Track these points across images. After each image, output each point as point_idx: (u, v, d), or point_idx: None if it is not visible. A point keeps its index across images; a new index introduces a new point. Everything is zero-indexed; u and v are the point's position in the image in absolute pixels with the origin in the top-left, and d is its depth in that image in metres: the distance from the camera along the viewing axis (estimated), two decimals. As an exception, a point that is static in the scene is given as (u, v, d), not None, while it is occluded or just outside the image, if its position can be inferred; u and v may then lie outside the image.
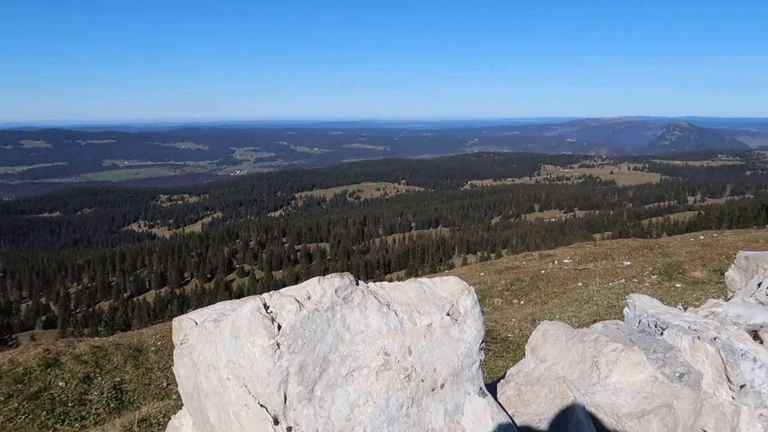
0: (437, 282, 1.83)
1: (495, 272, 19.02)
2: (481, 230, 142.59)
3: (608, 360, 2.29)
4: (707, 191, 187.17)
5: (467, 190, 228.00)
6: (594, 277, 16.15)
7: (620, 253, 21.07)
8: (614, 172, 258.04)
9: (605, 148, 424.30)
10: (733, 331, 2.84)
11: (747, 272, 4.12)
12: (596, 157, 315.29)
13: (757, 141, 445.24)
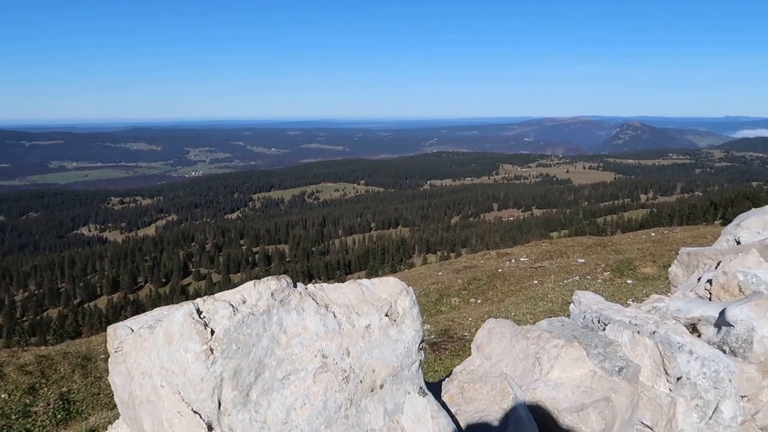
0: (376, 283, 1.83)
1: (453, 271, 19.20)
2: (440, 230, 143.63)
3: (550, 356, 2.33)
4: (659, 189, 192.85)
5: (427, 190, 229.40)
6: (549, 275, 16.46)
7: (575, 251, 21.52)
8: (570, 171, 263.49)
9: (562, 148, 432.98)
10: (671, 325, 2.92)
11: (689, 268, 4.24)
12: (553, 157, 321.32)
13: (706, 140, 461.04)
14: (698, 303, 3.42)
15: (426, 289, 16.14)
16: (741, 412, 2.89)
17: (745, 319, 3.01)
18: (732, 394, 2.68)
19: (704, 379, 2.66)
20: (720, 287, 3.55)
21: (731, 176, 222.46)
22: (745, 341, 3.01)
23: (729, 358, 2.81)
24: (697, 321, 3.29)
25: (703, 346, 2.79)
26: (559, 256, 20.73)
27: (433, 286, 16.58)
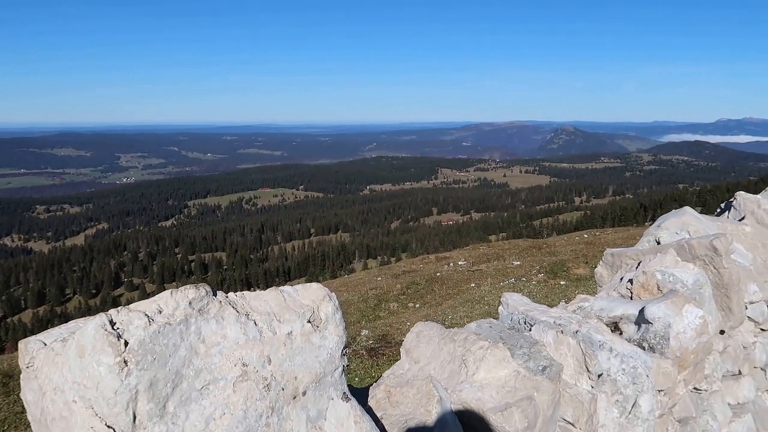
0: (299, 290, 1.82)
1: (392, 276, 19.31)
2: (381, 235, 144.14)
3: (475, 357, 2.37)
4: (592, 192, 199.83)
5: (366, 194, 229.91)
6: (486, 278, 16.76)
7: (511, 254, 22.01)
8: (507, 175, 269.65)
9: (499, 152, 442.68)
10: (593, 323, 3.02)
11: (613, 268, 4.39)
12: (490, 161, 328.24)
13: (635, 144, 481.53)
14: (620, 302, 3.55)
15: (365, 295, 16.17)
16: (658, 405, 3.02)
17: (662, 316, 3.15)
18: (649, 388, 2.79)
19: (623, 375, 2.76)
20: (640, 286, 3.69)
21: (659, 179, 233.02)
22: (662, 337, 3.14)
23: (647, 354, 2.92)
24: (618, 319, 3.42)
25: (623, 343, 2.89)
26: (496, 259, 21.15)
27: (372, 291, 16.63)
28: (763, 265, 4.50)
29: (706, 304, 3.55)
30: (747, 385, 3.90)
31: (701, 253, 3.80)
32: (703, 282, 3.57)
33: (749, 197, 4.91)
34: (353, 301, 15.50)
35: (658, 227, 4.64)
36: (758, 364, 4.24)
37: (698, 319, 3.15)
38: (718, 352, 3.79)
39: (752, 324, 4.27)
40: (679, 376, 3.13)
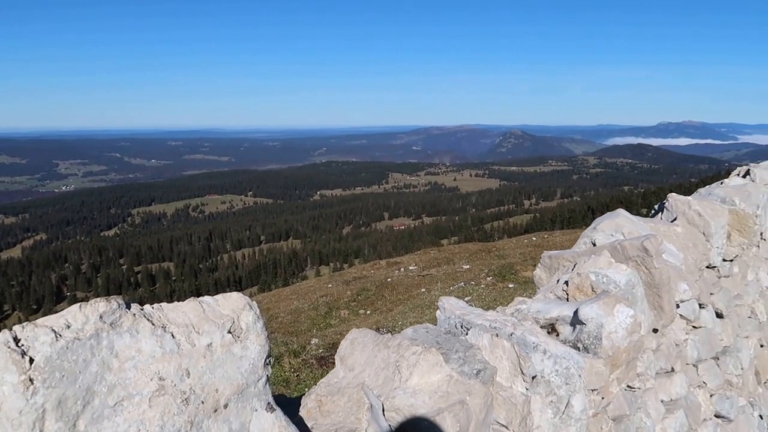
0: (219, 299, 1.77)
1: (343, 283, 19.23)
2: (332, 241, 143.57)
3: (409, 363, 2.36)
4: (541, 195, 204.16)
5: (317, 200, 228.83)
6: (436, 282, 16.87)
7: (461, 258, 22.22)
8: (458, 179, 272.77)
9: (449, 156, 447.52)
10: (528, 326, 3.05)
11: (551, 270, 4.43)
12: (440, 165, 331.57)
13: (581, 147, 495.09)
14: (556, 304, 3.61)
15: (315, 303, 16.04)
16: (592, 405, 3.07)
17: (594, 317, 3.21)
18: (581, 388, 2.83)
19: (557, 376, 2.79)
20: (575, 288, 3.75)
21: (605, 181, 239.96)
22: (595, 338, 3.20)
23: (579, 354, 2.97)
24: (555, 321, 3.47)
25: (556, 344, 2.93)
26: (447, 263, 21.31)
27: (322, 299, 16.51)
28: (693, 264, 4.65)
29: (638, 304, 3.64)
30: (679, 381, 4.02)
31: (633, 254, 3.89)
32: (635, 282, 3.66)
33: (680, 198, 5.06)
34: (304, 309, 15.36)
35: (594, 229, 4.74)
36: (690, 361, 4.37)
37: (629, 319, 3.22)
38: (652, 350, 3.88)
39: (684, 322, 4.40)
40: (611, 375, 3.19)
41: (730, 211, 5.20)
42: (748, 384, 5.31)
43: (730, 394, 4.67)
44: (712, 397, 4.58)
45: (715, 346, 4.65)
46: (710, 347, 4.57)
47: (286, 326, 13.72)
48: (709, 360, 4.57)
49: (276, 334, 12.29)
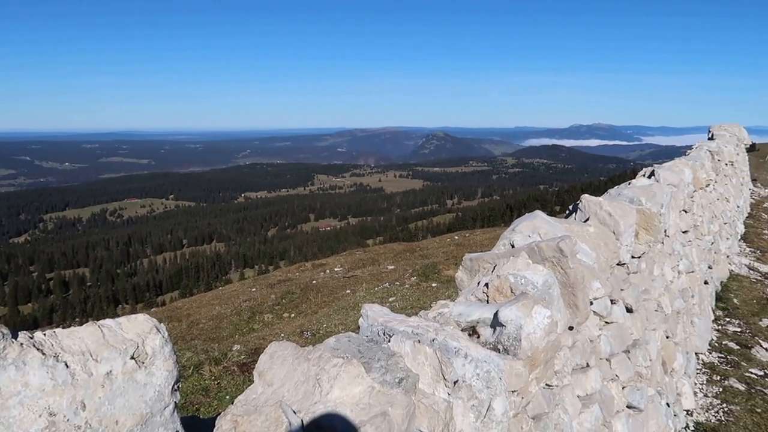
0: (122, 322, 1.65)
1: (267, 286, 18.89)
2: (257, 243, 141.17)
3: (330, 376, 2.30)
4: (463, 195, 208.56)
5: (241, 202, 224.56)
6: (361, 284, 16.86)
7: (386, 258, 22.31)
8: (382, 180, 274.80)
9: (373, 157, 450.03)
10: (449, 330, 3.04)
11: (472, 272, 4.46)
12: (365, 166, 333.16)
13: (500, 148, 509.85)
14: (477, 306, 3.63)
15: (238, 307, 15.67)
16: (512, 406, 3.11)
17: (514, 318, 3.25)
18: (502, 391, 2.85)
19: (478, 380, 2.80)
20: (495, 290, 3.79)
21: (523, 181, 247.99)
22: (515, 339, 3.24)
23: (499, 357, 3.00)
24: (476, 323, 3.49)
25: (477, 348, 2.94)
26: (372, 263, 21.34)
27: (245, 303, 16.15)
28: (605, 262, 4.82)
29: (555, 304, 3.71)
30: (594, 376, 4.15)
31: (549, 254, 3.98)
32: (552, 282, 3.74)
33: (592, 199, 5.24)
34: (226, 315, 14.98)
35: (513, 231, 4.82)
36: (603, 356, 4.53)
37: (546, 319, 3.28)
38: (568, 347, 3.98)
39: (597, 318, 4.55)
40: (531, 375, 3.24)
41: (638, 210, 5.44)
42: (656, 374, 5.57)
43: (640, 385, 4.87)
44: (624, 389, 4.76)
45: (626, 340, 4.85)
46: (622, 341, 4.75)
47: (208, 332, 13.33)
48: (620, 354, 4.75)
49: (196, 341, 11.93)
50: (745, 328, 10.04)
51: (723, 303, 10.97)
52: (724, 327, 9.94)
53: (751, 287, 12.20)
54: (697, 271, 8.65)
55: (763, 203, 23.26)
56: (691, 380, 7.51)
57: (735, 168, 17.76)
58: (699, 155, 11.80)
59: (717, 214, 12.27)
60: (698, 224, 9.50)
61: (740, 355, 8.86)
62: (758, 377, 8.19)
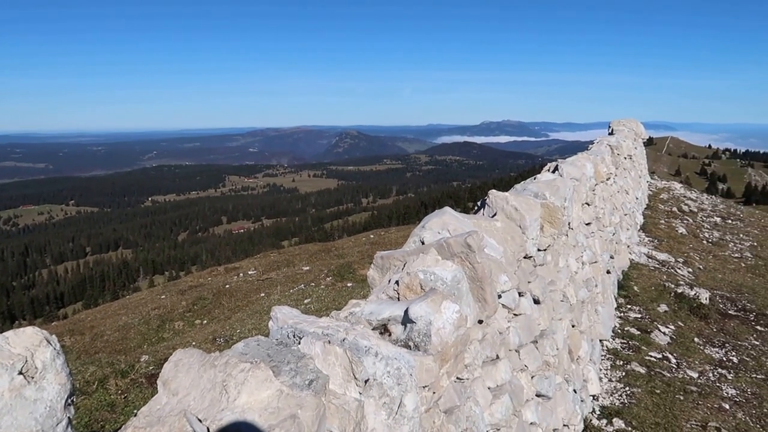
0: (9, 336, 1.53)
1: (177, 293, 18.24)
2: (167, 248, 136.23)
3: (237, 382, 2.23)
4: (378, 193, 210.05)
5: (149, 206, 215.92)
6: (276, 286, 16.61)
7: (301, 259, 22.12)
8: (296, 180, 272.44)
9: (286, 157, 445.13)
10: (360, 329, 3.03)
11: (383, 270, 4.46)
12: (279, 166, 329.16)
13: (413, 146, 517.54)
14: (388, 304, 3.64)
15: (147, 316, 15.02)
16: (424, 401, 3.14)
17: (423, 314, 3.27)
18: (413, 387, 2.87)
19: (389, 377, 2.81)
20: (405, 287, 3.81)
21: (436, 178, 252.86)
22: (425, 335, 3.27)
23: (410, 353, 3.01)
24: (387, 321, 3.50)
25: (387, 346, 2.95)
26: (287, 265, 21.09)
27: (154, 311, 15.51)
28: (512, 255, 4.95)
29: (464, 298, 3.78)
30: (504, 367, 4.26)
31: (458, 250, 4.04)
32: (461, 277, 3.80)
33: (499, 195, 5.38)
34: (134, 325, 14.32)
35: (423, 228, 4.86)
36: (512, 347, 4.66)
37: (455, 314, 3.33)
38: (478, 340, 4.06)
39: (506, 311, 4.67)
40: (441, 369, 3.28)
41: (543, 204, 5.64)
42: (563, 362, 5.81)
43: (548, 374, 5.06)
44: (533, 379, 4.92)
45: (533, 331, 5.01)
46: (530, 332, 4.91)
47: (113, 344, 12.70)
48: (529, 344, 4.90)
49: (101, 354, 11.33)
50: (644, 314, 10.68)
51: (624, 291, 11.62)
52: (626, 314, 10.53)
53: (650, 275, 13.00)
54: (600, 262, 9.09)
55: (660, 194, 24.90)
56: (596, 366, 7.89)
57: (633, 161, 18.83)
58: (600, 150, 12.41)
59: (618, 206, 12.97)
60: (600, 216, 9.99)
61: (641, 339, 9.42)
62: (657, 360, 8.74)
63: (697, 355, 9.23)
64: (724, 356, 9.45)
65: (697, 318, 10.91)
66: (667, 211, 21.31)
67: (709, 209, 24.20)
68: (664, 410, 7.16)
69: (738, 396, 8.04)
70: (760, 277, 14.78)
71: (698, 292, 12.05)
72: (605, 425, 6.68)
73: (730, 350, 9.71)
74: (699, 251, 16.45)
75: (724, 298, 12.29)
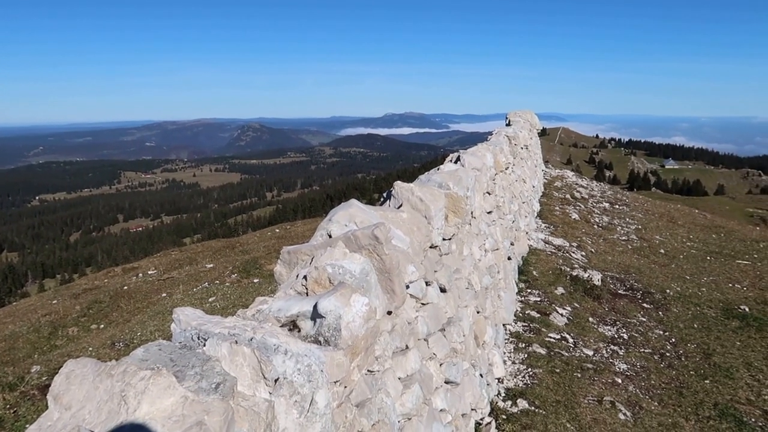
0: None
1: (71, 297, 17.16)
2: (58, 250, 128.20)
3: (137, 391, 2.10)
4: (282, 186, 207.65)
5: (36, 206, 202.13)
6: (178, 285, 16.00)
7: (205, 256, 21.45)
8: (197, 175, 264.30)
9: (186, 151, 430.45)
10: (268, 327, 2.96)
11: (290, 265, 4.40)
12: (178, 161, 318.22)
13: (317, 138, 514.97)
14: (296, 300, 3.58)
15: (36, 323, 14.03)
16: (335, 396, 3.11)
17: (333, 309, 3.24)
18: (324, 383, 2.84)
19: (299, 375, 2.76)
20: (314, 281, 3.77)
21: (341, 170, 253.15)
22: (335, 330, 3.24)
23: (320, 349, 2.97)
24: (296, 317, 3.43)
25: (297, 343, 2.89)
26: (189, 263, 20.37)
27: (45, 318, 14.51)
28: (419, 246, 5.01)
29: (373, 290, 3.78)
30: (413, 357, 4.31)
31: (365, 242, 4.04)
32: (369, 270, 3.79)
33: (405, 186, 5.42)
34: (22, 333, 13.32)
35: (330, 221, 4.82)
36: (421, 336, 4.72)
37: (365, 307, 3.32)
38: (387, 332, 4.09)
39: (414, 301, 4.73)
40: (352, 363, 3.27)
41: (446, 194, 5.75)
42: (469, 348, 5.96)
43: (456, 361, 5.17)
44: (442, 366, 5.02)
45: (441, 319, 5.11)
46: (437, 321, 5.00)
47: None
48: (437, 333, 4.99)
49: (-16, 368, 10.47)
50: (544, 297, 11.20)
51: (524, 276, 12.13)
52: (526, 298, 11.00)
53: (547, 259, 13.64)
54: (502, 249, 9.41)
55: (554, 182, 26.18)
56: (500, 350, 8.18)
57: (530, 151, 19.65)
58: (498, 140, 12.85)
59: (516, 195, 13.48)
60: (500, 205, 10.34)
61: (541, 322, 9.87)
62: (556, 341, 9.19)
63: (591, 334, 9.79)
64: (615, 333, 10.10)
65: (591, 299, 11.58)
66: (561, 199, 22.45)
67: (599, 195, 25.78)
68: (564, 388, 7.54)
69: (629, 370, 8.62)
70: (645, 258, 15.89)
71: (591, 274, 12.79)
72: (510, 407, 6.95)
73: (621, 327, 10.40)
74: (591, 235, 17.45)
75: (614, 279, 13.12)
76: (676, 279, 13.99)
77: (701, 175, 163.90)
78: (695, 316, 11.39)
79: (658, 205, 27.11)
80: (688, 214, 25.42)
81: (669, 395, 8.00)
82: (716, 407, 7.78)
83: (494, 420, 6.47)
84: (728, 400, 8.00)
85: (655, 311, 11.51)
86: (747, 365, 9.22)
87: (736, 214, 68.53)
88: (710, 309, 11.87)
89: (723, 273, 14.98)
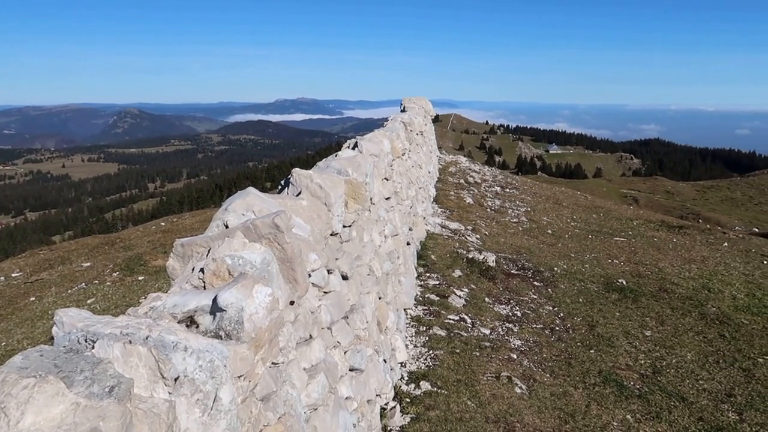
0: None
1: None
2: None
3: (19, 401, 1.88)
4: (166, 177, 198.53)
5: None
6: (50, 287, 14.82)
7: (80, 255, 20.01)
8: (67, 166, 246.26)
9: (53, 139, 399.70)
10: (165, 324, 2.77)
11: (185, 259, 4.21)
12: (43, 150, 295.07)
13: (204, 125, 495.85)
14: (194, 294, 3.40)
15: None
16: (240, 391, 2.98)
17: (234, 301, 3.11)
18: (228, 378, 2.72)
19: (201, 372, 2.62)
20: (212, 274, 3.61)
21: (231, 158, 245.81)
22: (237, 322, 3.10)
23: (222, 344, 2.84)
24: (194, 312, 3.25)
25: (197, 338, 2.74)
26: (62, 263, 18.89)
27: None
28: (320, 233, 4.93)
29: (275, 280, 3.67)
30: (317, 347, 4.23)
31: (266, 231, 3.91)
32: (270, 260, 3.68)
33: (303, 173, 5.30)
34: None
35: (225, 210, 4.64)
36: (325, 325, 4.66)
37: (268, 297, 3.21)
38: (291, 322, 3.99)
39: (316, 289, 4.65)
40: (256, 356, 3.15)
41: (346, 181, 5.70)
42: (372, 335, 5.98)
43: (360, 348, 5.16)
44: (346, 354, 4.99)
45: (344, 307, 5.07)
46: (340, 309, 4.96)
47: None
48: (340, 320, 4.95)
49: None
50: (442, 280, 11.50)
51: (423, 260, 12.38)
52: (426, 282, 11.24)
53: (445, 243, 14.01)
54: (401, 234, 9.53)
55: (449, 168, 26.93)
56: (402, 335, 8.29)
57: (425, 137, 20.05)
58: (394, 126, 12.99)
59: (413, 180, 13.71)
60: (398, 190, 10.46)
61: (440, 305, 10.13)
62: (455, 322, 9.47)
63: (488, 314, 10.18)
64: (510, 312, 10.58)
65: (486, 279, 12.03)
66: (455, 184, 23.15)
67: (491, 180, 26.88)
68: (464, 367, 7.79)
69: (523, 346, 9.06)
70: (534, 239, 16.78)
71: (486, 256, 13.29)
72: (413, 389, 7.07)
73: (515, 306, 10.91)
74: (484, 218, 18.15)
75: (507, 260, 13.72)
76: (563, 257, 14.88)
77: (581, 159, 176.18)
78: (580, 291, 12.18)
79: (545, 188, 28.73)
80: (572, 196, 27.17)
81: (559, 366, 8.51)
82: (600, 374, 8.39)
83: (398, 404, 6.55)
84: (610, 367, 8.65)
85: (545, 288, 12.18)
86: (625, 333, 10.03)
87: (612, 194, 74.12)
88: (593, 284, 12.76)
89: (603, 250, 16.16)
